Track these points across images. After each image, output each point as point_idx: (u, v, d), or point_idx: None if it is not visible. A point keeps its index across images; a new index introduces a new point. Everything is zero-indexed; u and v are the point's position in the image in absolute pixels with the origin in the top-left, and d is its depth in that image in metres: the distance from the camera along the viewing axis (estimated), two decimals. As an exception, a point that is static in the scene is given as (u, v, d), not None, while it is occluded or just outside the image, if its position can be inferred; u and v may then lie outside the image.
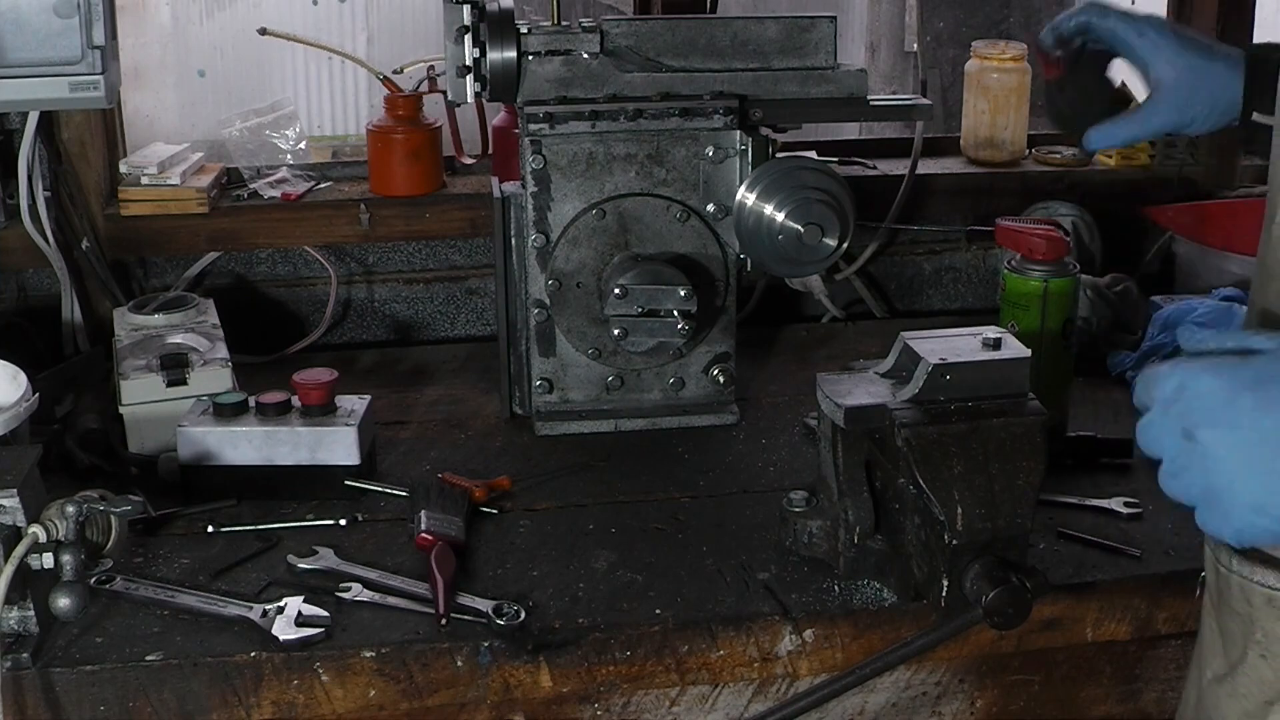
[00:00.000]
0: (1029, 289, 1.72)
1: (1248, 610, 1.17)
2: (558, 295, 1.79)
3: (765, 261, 1.75)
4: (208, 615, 1.39)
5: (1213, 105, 1.51)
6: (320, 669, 1.34)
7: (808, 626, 1.41)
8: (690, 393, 1.86)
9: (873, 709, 1.52)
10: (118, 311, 1.94)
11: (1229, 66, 1.51)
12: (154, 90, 2.82)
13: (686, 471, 1.73)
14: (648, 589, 1.45)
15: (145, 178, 2.07)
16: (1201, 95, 1.51)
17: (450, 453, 1.77)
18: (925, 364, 1.36)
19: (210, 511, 1.59)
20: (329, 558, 1.48)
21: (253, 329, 2.08)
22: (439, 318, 2.26)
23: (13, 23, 1.78)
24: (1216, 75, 1.51)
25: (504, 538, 1.56)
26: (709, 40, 1.79)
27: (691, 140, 1.77)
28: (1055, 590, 1.42)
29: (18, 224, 1.98)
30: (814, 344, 2.18)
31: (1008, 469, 1.32)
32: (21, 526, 1.31)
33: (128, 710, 1.32)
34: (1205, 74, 1.51)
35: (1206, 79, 1.51)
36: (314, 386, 1.63)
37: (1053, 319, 1.72)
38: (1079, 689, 1.56)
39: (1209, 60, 1.52)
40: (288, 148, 2.28)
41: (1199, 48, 1.53)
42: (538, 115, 1.74)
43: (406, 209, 2.15)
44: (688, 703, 1.46)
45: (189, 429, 1.61)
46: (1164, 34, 1.52)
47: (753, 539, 1.55)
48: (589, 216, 1.77)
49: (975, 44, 2.43)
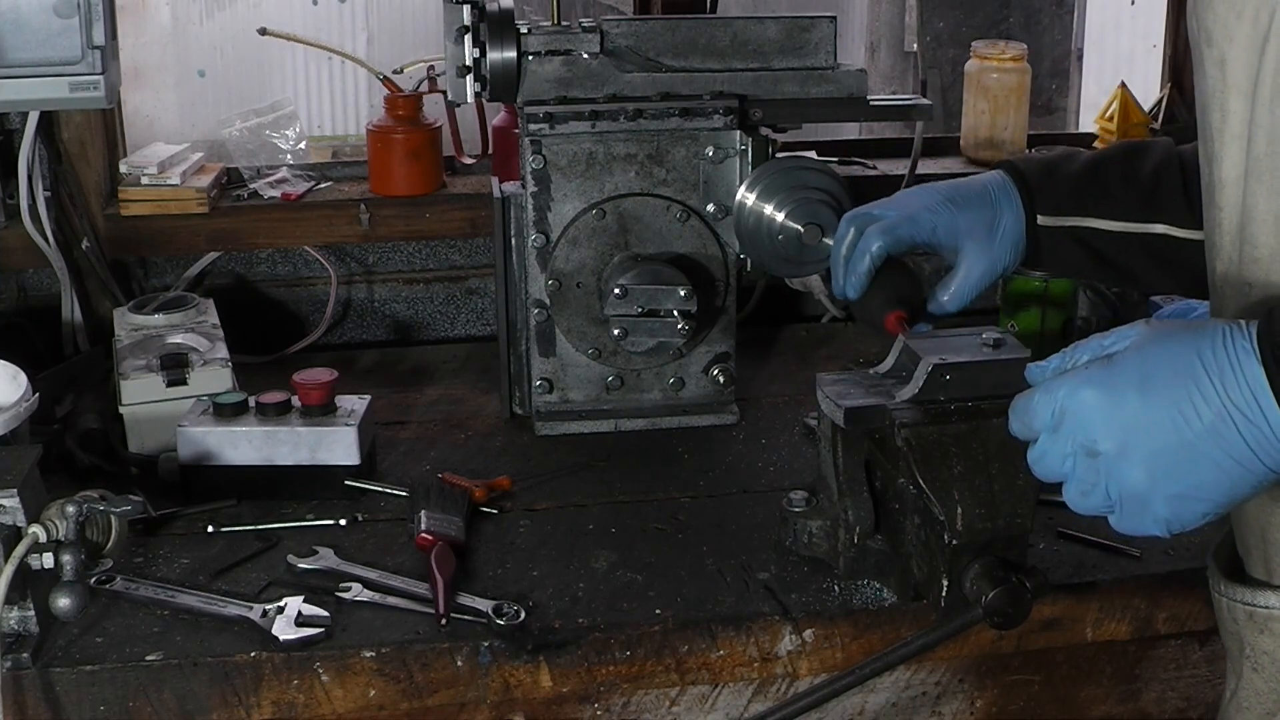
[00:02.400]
0: (1029, 289, 1.72)
1: (1236, 628, 1.20)
2: (558, 295, 1.79)
3: (765, 261, 1.75)
4: (208, 615, 1.39)
5: (1007, 236, 1.51)
6: (320, 669, 1.34)
7: (808, 626, 1.41)
8: (690, 393, 1.86)
9: (873, 709, 1.52)
10: (118, 311, 1.94)
11: (998, 196, 1.51)
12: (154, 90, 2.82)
13: (686, 471, 1.73)
14: (648, 589, 1.45)
15: (145, 178, 2.07)
16: (993, 236, 1.50)
17: (450, 453, 1.77)
18: (925, 364, 1.36)
19: (210, 511, 1.59)
20: (329, 558, 1.48)
21: (253, 329, 2.08)
22: (439, 318, 2.26)
23: (13, 23, 1.77)
24: (991, 209, 1.50)
25: (504, 538, 1.56)
26: (709, 40, 1.79)
27: (691, 140, 1.77)
28: (1055, 590, 1.42)
29: (18, 224, 1.98)
30: (814, 344, 2.18)
31: (1008, 469, 1.32)
32: (21, 526, 1.31)
33: (128, 710, 1.32)
34: (982, 217, 1.50)
35: (985, 219, 1.50)
36: (314, 386, 1.63)
37: (1053, 319, 1.72)
38: (1079, 689, 1.57)
39: (979, 204, 1.51)
40: (288, 148, 2.28)
41: (962, 199, 1.51)
42: (538, 115, 1.74)
43: (406, 209, 2.15)
44: (688, 703, 1.46)
45: (189, 429, 1.61)
46: (932, 211, 1.50)
47: (753, 539, 1.55)
48: (589, 216, 1.77)
49: (975, 44, 2.43)
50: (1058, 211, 1.49)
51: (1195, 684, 1.59)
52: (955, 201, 1.49)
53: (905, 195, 1.53)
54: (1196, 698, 1.59)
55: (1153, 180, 1.47)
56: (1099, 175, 1.49)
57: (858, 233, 1.49)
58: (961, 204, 1.49)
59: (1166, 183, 1.47)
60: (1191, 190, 1.45)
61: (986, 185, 1.51)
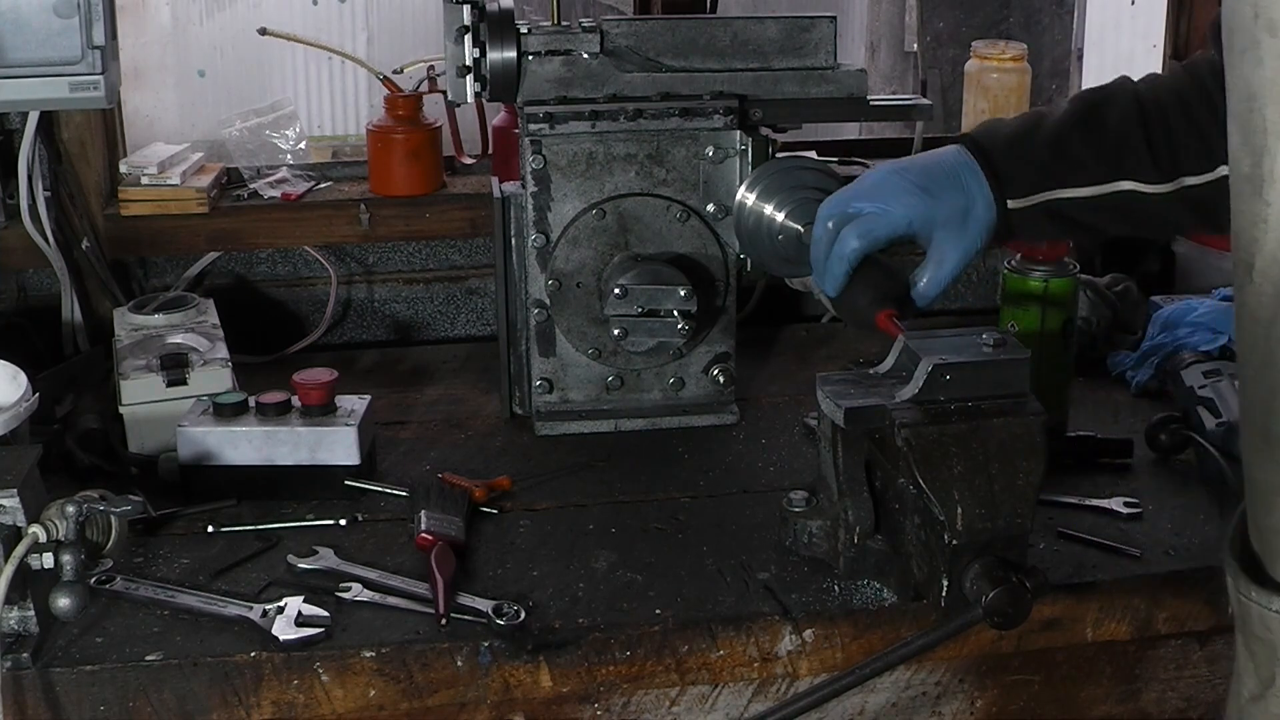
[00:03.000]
0: (1029, 289, 1.72)
1: (1268, 636, 1.17)
2: (558, 295, 1.79)
3: (765, 261, 1.75)
4: (208, 615, 1.39)
5: (979, 221, 1.50)
6: (320, 669, 1.34)
7: (808, 626, 1.41)
8: (690, 393, 1.86)
9: (873, 709, 1.52)
10: (118, 311, 1.94)
11: (969, 182, 1.50)
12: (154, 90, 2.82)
13: (686, 471, 1.73)
14: (648, 589, 1.45)
15: (145, 178, 2.07)
16: (966, 224, 1.49)
17: (450, 453, 1.77)
18: (925, 364, 1.36)
19: (210, 511, 1.59)
20: (329, 558, 1.48)
21: (253, 329, 2.08)
22: (439, 318, 2.26)
23: (13, 23, 1.77)
24: (963, 196, 1.49)
25: (504, 538, 1.56)
26: (709, 40, 1.79)
27: (691, 140, 1.77)
28: (1055, 590, 1.42)
29: (18, 224, 1.98)
30: (814, 344, 2.18)
31: (1008, 469, 1.32)
32: (21, 526, 1.31)
33: (128, 710, 1.32)
34: (956, 204, 1.49)
35: (959, 206, 1.49)
36: (314, 386, 1.63)
37: (1053, 319, 1.72)
38: (1079, 689, 1.56)
39: (952, 190, 1.49)
40: (288, 148, 2.28)
41: (935, 186, 1.49)
42: (538, 115, 1.74)
43: (406, 209, 2.15)
44: (688, 703, 1.46)
45: (189, 429, 1.61)
46: (907, 204, 1.48)
47: (753, 539, 1.55)
48: (589, 216, 1.77)
49: (975, 44, 2.43)
50: (1028, 191, 1.49)
51: (1195, 684, 1.59)
52: (928, 190, 1.48)
53: (878, 182, 1.50)
54: (1196, 698, 1.59)
55: (1117, 139, 1.48)
56: (1064, 146, 1.49)
57: (834, 231, 1.49)
58: (935, 192, 1.48)
59: (1130, 139, 1.48)
60: (1155, 142, 1.47)
61: (957, 170, 1.49)
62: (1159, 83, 1.52)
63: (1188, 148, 1.47)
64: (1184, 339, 1.93)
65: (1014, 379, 1.38)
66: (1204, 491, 1.65)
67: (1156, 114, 1.48)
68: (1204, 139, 1.45)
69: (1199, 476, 1.68)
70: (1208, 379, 1.77)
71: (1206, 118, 1.44)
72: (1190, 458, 1.72)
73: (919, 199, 1.47)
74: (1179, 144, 1.47)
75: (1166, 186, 1.47)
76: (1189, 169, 1.47)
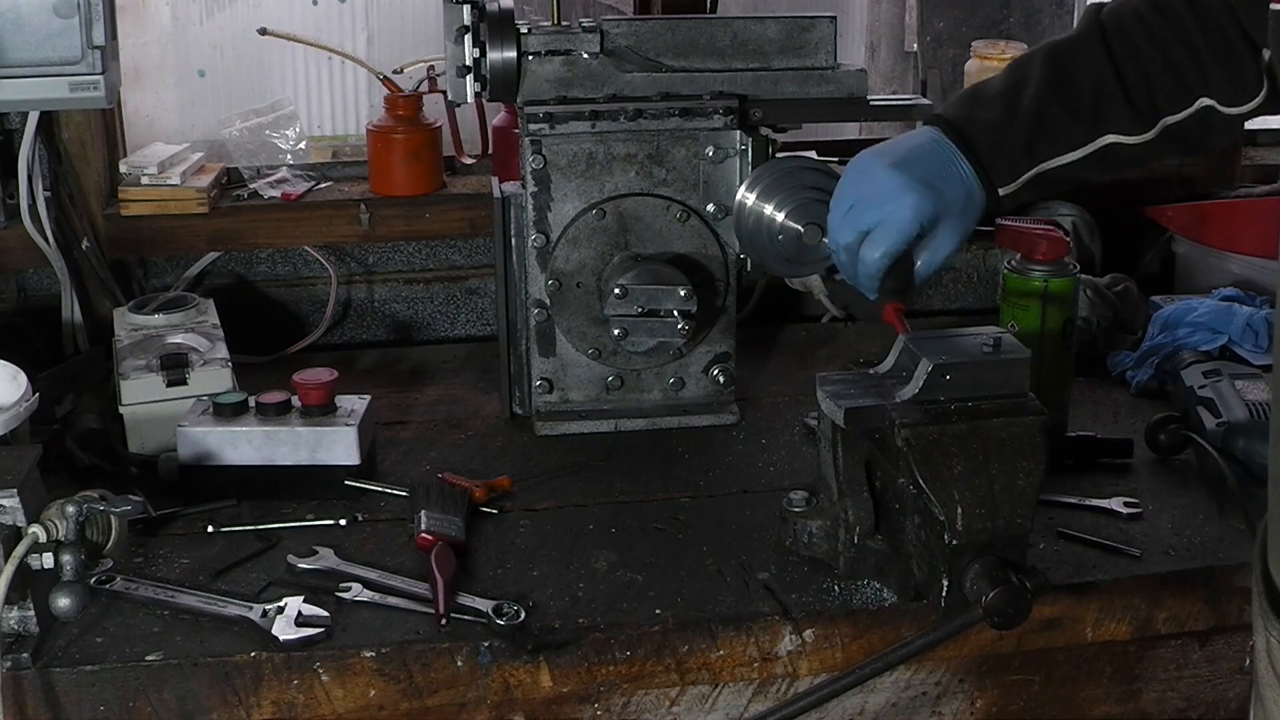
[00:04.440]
0: (1029, 289, 1.72)
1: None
2: (558, 295, 1.79)
3: (765, 261, 1.75)
4: (208, 615, 1.39)
5: (973, 209, 1.50)
6: (320, 669, 1.34)
7: (808, 626, 1.41)
8: (690, 393, 1.86)
9: (873, 709, 1.52)
10: (118, 311, 1.94)
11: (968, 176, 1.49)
12: (154, 90, 2.82)
13: (686, 471, 1.73)
14: (648, 589, 1.45)
15: (145, 178, 2.07)
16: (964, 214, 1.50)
17: (450, 453, 1.77)
18: (925, 364, 1.36)
19: (210, 511, 1.59)
20: (329, 558, 1.48)
21: (253, 329, 2.08)
22: (439, 318, 2.26)
23: (13, 23, 1.78)
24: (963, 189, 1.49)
25: (504, 538, 1.56)
26: (709, 40, 1.79)
27: (691, 140, 1.77)
28: (1055, 590, 1.42)
29: (18, 224, 1.98)
30: (814, 344, 2.18)
31: (1008, 469, 1.32)
32: (21, 526, 1.31)
33: (128, 710, 1.32)
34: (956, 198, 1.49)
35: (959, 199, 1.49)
36: (314, 386, 1.63)
37: (1053, 319, 1.71)
38: (1079, 689, 1.56)
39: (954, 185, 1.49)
40: (288, 148, 2.28)
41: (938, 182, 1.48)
42: (538, 115, 1.74)
43: (406, 209, 2.15)
44: (688, 703, 1.46)
45: (189, 429, 1.61)
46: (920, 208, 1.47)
47: (753, 539, 1.55)
48: (589, 216, 1.77)
49: (975, 44, 2.43)
50: (1014, 175, 1.49)
51: (1195, 684, 1.59)
52: (933, 187, 1.47)
53: (879, 185, 1.48)
54: (1196, 698, 1.59)
55: (1093, 98, 1.48)
56: (1043, 119, 1.48)
57: (855, 243, 1.48)
58: (940, 188, 1.47)
59: (1106, 95, 1.47)
60: (1132, 90, 1.46)
61: (950, 160, 1.49)
62: (1124, 13, 1.49)
63: (1164, 88, 1.46)
64: (1184, 339, 1.93)
65: (1014, 379, 1.38)
66: (1204, 491, 1.65)
67: (1130, 59, 1.47)
68: (1179, 75, 1.45)
69: (1199, 476, 1.68)
70: (1208, 379, 1.77)
71: (1180, 52, 1.44)
72: (1190, 458, 1.72)
73: (923, 196, 1.46)
74: (1155, 87, 1.46)
75: (1149, 133, 1.48)
76: (1168, 109, 1.47)
